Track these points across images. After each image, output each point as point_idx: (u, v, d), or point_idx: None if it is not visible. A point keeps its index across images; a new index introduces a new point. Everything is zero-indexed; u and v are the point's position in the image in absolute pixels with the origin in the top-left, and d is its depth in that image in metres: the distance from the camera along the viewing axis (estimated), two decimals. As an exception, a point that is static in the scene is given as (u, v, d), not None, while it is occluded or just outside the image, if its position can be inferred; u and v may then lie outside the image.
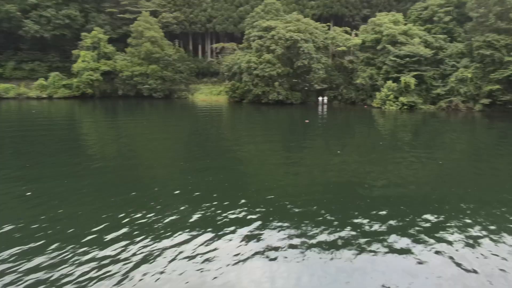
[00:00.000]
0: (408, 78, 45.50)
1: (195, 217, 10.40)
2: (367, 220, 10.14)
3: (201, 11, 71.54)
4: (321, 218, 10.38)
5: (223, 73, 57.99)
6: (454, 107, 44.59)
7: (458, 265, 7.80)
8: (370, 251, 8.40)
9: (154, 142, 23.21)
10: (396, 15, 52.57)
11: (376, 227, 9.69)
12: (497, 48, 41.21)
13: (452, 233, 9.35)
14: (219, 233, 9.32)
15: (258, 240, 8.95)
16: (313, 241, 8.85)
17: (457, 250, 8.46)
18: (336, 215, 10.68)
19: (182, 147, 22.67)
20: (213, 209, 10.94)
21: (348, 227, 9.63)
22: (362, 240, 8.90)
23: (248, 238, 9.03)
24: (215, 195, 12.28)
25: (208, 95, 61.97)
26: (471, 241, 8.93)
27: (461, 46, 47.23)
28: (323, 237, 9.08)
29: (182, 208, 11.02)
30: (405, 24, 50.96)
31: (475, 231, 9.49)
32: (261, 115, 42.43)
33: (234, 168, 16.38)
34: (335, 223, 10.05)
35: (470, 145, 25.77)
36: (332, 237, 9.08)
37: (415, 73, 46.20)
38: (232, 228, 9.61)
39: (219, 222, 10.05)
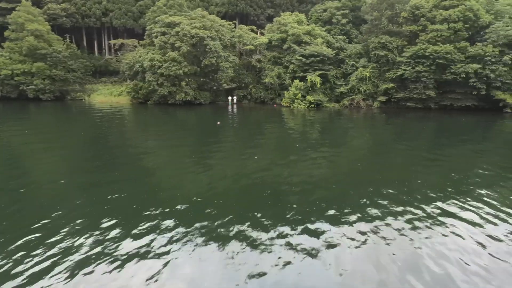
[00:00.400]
0: (314, 77, 46.80)
1: (91, 247, 8.32)
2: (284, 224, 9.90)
3: (95, 3, 64.94)
4: (243, 230, 9.51)
5: (124, 72, 53.12)
6: (356, 105, 47.25)
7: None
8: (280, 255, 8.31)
9: (42, 153, 19.11)
10: (300, 15, 53.96)
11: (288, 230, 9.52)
12: (390, 49, 44.64)
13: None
14: (121, 268, 7.42)
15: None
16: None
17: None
18: (256, 225, 9.84)
19: (77, 157, 19.03)
20: (116, 235, 9.02)
21: (273, 238, 9.11)
22: (276, 247, 8.65)
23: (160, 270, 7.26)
24: (118, 216, 10.12)
25: (107, 96, 56.22)
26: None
27: (359, 47, 50.27)
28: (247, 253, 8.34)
29: (75, 238, 8.79)
30: (308, 25, 52.51)
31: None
32: (168, 117, 39.43)
33: (141, 180, 14.17)
34: (260, 236, 9.21)
35: (371, 141, 26.90)
36: (255, 253, 8.38)
37: (320, 72, 47.74)
38: (137, 259, 7.88)
39: (122, 253, 8.06)
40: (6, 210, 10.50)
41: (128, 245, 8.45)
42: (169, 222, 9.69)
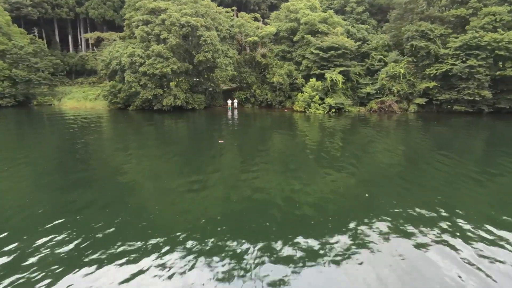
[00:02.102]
0: (334, 75, 38.15)
1: None
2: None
3: (67, -10, 55.77)
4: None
5: (100, 71, 44.13)
6: (388, 109, 38.62)
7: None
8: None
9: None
10: (312, 0, 45.15)
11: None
12: (431, 39, 36.03)
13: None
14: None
15: None
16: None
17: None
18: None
19: (42, 175, 15.12)
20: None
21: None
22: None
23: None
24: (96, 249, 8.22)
25: (81, 101, 47.10)
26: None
27: (386, 37, 41.69)
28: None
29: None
30: (324, 11, 43.82)
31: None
32: (153, 128, 30.62)
33: (124, 203, 11.54)
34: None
35: (405, 155, 20.29)
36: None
37: (341, 68, 39.13)
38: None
39: None
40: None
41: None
42: (155, 257, 8.28)
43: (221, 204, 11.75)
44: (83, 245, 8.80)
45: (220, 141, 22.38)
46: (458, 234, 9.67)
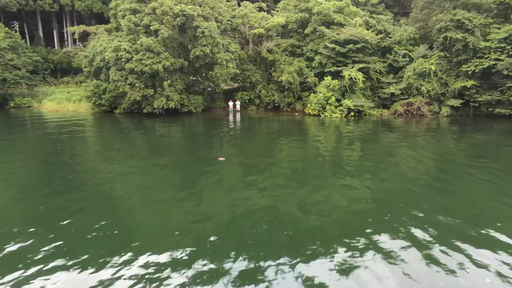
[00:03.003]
0: (354, 72, 32.97)
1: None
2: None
3: (50, -20, 50.64)
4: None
5: (84, 68, 38.94)
6: (415, 112, 33.40)
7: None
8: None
9: None
10: (325, -13, 39.98)
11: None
12: (469, 30, 30.82)
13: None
14: None
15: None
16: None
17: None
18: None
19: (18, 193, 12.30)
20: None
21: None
22: None
23: None
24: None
25: (63, 103, 42.00)
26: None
27: (411, 29, 36.48)
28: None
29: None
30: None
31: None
32: (141, 135, 25.57)
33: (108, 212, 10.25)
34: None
35: (436, 168, 16.47)
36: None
37: (361, 65, 33.96)
38: None
39: None
40: None
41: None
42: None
43: (221, 223, 9.90)
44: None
45: (220, 159, 17.13)
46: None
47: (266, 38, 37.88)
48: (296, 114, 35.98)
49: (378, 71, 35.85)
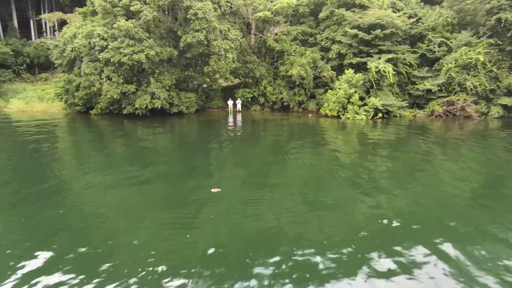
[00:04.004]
0: (382, 64, 26.94)
1: None
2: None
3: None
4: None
5: (55, 60, 32.84)
6: (459, 113, 27.33)
7: None
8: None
9: None
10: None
11: None
12: (530, 10, 24.78)
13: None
14: None
15: None
16: None
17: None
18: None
19: None
20: None
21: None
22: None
23: None
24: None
25: (33, 102, 35.89)
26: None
27: (449, 13, 30.38)
28: None
29: None
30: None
31: None
32: (122, 144, 19.79)
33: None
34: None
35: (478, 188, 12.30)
36: None
37: (389, 55, 27.94)
38: None
39: None
40: None
41: None
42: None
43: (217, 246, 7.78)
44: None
45: (213, 190, 11.05)
46: None
47: (273, 24, 31.79)
48: (309, 115, 29.89)
49: (408, 63, 29.81)
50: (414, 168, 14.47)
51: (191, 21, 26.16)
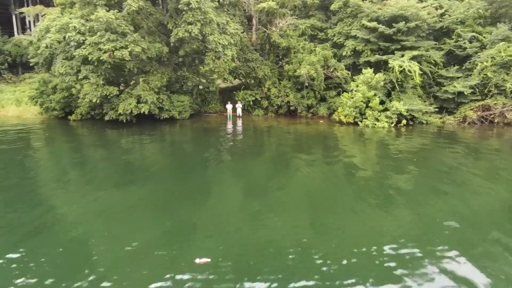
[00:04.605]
0: (406, 63, 23.15)
1: None
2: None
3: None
4: None
5: (30, 59, 29.05)
6: (497, 120, 23.51)
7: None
8: None
9: None
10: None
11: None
12: None
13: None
14: None
15: None
16: None
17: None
18: None
19: None
20: None
21: None
22: None
23: None
24: None
25: (10, 105, 32.20)
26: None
27: (480, 4, 26.53)
28: None
29: None
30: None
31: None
32: (103, 158, 16.40)
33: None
34: None
35: None
36: None
37: (415, 52, 24.16)
38: None
39: None
40: None
41: None
42: None
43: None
44: None
45: (199, 261, 7.24)
46: None
47: (278, 17, 27.99)
48: (320, 121, 26.08)
49: (433, 61, 26.01)
50: (441, 189, 11.28)
51: (183, 12, 22.37)
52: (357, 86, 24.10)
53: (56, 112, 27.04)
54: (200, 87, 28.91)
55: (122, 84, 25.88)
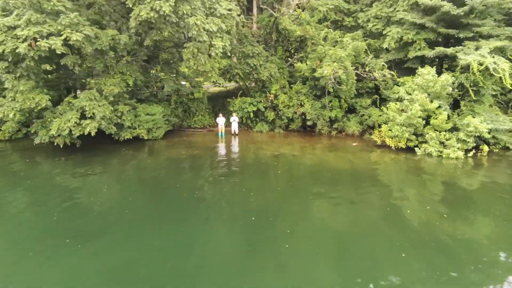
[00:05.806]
0: (489, 58, 15.31)
1: None
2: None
3: None
4: None
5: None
6: None
7: None
8: None
9: None
10: None
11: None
12: None
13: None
14: None
15: None
16: None
17: None
18: None
19: None
20: None
21: None
22: None
23: None
24: None
25: None
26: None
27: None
28: None
29: None
30: None
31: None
32: (32, 203, 8.94)
33: None
34: None
35: None
36: None
37: (497, 43, 16.39)
38: None
39: None
40: None
41: None
42: None
43: None
44: None
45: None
46: None
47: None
48: (353, 144, 18.18)
49: None
50: None
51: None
52: (408, 93, 16.31)
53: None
54: (179, 93, 21.01)
55: (63, 90, 18.13)
